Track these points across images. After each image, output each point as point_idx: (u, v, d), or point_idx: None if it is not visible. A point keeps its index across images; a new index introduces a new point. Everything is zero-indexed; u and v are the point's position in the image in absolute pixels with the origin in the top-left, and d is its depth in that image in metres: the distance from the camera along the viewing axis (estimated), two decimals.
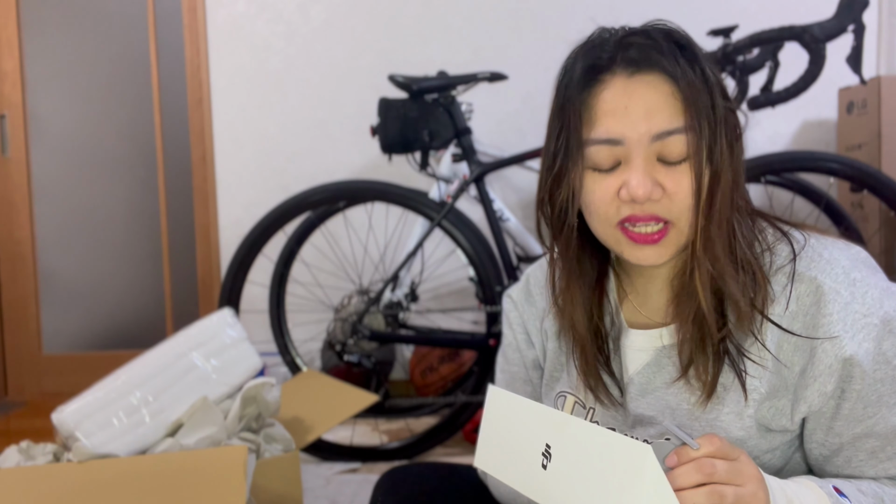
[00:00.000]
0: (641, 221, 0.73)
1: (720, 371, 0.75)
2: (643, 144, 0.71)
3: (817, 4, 2.20)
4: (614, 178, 0.73)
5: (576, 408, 0.87)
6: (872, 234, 2.21)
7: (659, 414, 0.80)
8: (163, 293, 2.84)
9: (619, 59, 0.72)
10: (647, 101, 0.70)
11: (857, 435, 0.73)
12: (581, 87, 0.73)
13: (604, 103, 0.72)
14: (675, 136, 0.70)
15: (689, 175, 0.71)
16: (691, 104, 0.70)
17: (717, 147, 0.71)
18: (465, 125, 1.96)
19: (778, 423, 0.75)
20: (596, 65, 0.73)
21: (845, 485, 0.73)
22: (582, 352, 0.83)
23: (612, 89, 0.72)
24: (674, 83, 0.70)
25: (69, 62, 2.78)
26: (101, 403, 1.25)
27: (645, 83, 0.71)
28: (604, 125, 0.72)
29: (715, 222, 0.71)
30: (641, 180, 0.70)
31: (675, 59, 0.71)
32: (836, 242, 0.77)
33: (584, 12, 2.52)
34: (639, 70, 0.71)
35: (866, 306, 0.71)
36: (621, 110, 0.71)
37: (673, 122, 0.70)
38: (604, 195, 0.74)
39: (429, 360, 2.35)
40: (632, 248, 0.75)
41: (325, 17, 2.60)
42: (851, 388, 0.71)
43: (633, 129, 0.70)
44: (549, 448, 0.65)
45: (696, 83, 0.70)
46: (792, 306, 0.73)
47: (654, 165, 0.72)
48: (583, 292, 0.82)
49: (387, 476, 0.99)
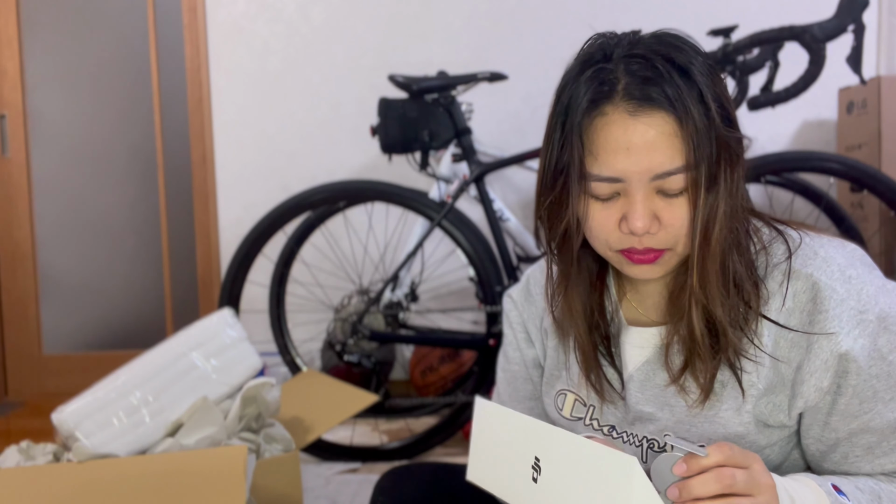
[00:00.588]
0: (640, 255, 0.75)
1: (716, 372, 0.76)
2: (643, 182, 0.71)
3: (817, 4, 2.19)
4: (614, 209, 0.74)
5: (576, 405, 0.88)
6: (872, 234, 2.21)
7: (658, 410, 0.81)
8: (163, 293, 2.84)
9: (620, 90, 0.71)
10: (647, 141, 0.70)
11: (853, 430, 0.74)
12: (582, 114, 0.73)
13: (605, 141, 0.72)
14: (674, 177, 0.71)
15: (687, 207, 0.72)
16: (692, 144, 0.70)
17: (717, 180, 0.72)
18: (465, 125, 1.96)
19: (776, 419, 0.76)
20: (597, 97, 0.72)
21: (843, 482, 0.73)
22: (582, 347, 0.84)
23: (614, 126, 0.71)
24: (676, 122, 0.70)
25: (69, 62, 2.78)
26: (101, 403, 1.25)
27: (646, 123, 0.70)
28: (606, 163, 0.72)
29: (711, 256, 0.73)
30: (641, 215, 0.71)
31: (678, 94, 0.70)
32: (832, 240, 0.78)
33: (585, 12, 2.52)
34: (640, 107, 0.70)
35: (862, 303, 0.72)
36: (623, 150, 0.71)
37: (674, 161, 0.70)
38: (604, 224, 0.75)
39: (429, 360, 2.35)
40: (630, 266, 0.77)
41: (325, 17, 2.60)
42: (847, 384, 0.73)
43: (634, 169, 0.71)
44: (538, 461, 0.65)
45: (697, 121, 0.70)
46: (788, 303, 0.75)
47: (652, 199, 0.72)
48: (582, 289, 0.83)
49: (387, 476, 0.99)
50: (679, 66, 0.70)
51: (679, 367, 0.78)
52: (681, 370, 0.77)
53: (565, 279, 0.83)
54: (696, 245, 0.73)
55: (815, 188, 1.99)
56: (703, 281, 0.73)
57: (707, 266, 0.73)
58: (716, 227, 0.72)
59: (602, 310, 0.85)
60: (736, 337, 0.74)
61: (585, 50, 0.76)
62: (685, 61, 0.71)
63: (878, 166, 2.19)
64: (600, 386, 0.84)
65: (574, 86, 0.74)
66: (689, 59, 0.71)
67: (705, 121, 0.70)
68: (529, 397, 0.98)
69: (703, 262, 0.73)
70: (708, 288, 0.73)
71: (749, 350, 0.75)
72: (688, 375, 0.77)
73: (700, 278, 0.73)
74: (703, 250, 0.73)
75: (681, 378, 0.77)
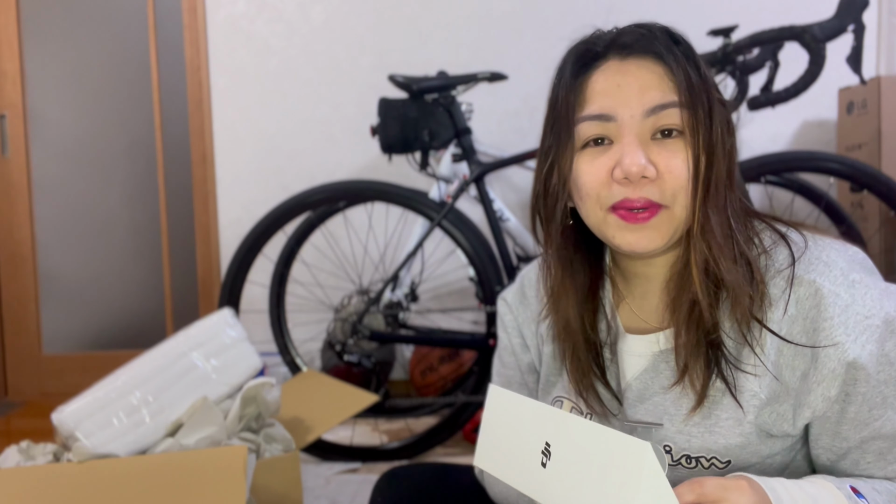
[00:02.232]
0: (635, 208, 0.72)
1: (711, 379, 0.74)
2: (636, 121, 0.71)
3: (817, 4, 2.19)
4: (606, 158, 0.72)
5: (573, 413, 0.87)
6: (872, 234, 2.21)
7: (656, 420, 0.79)
8: (163, 293, 2.84)
9: (612, 47, 0.73)
10: (640, 79, 0.71)
11: (864, 438, 0.72)
12: (574, 76, 0.74)
13: (596, 84, 0.72)
14: (669, 110, 0.70)
15: (683, 153, 0.71)
16: (684, 85, 0.70)
17: (712, 130, 0.71)
18: (465, 125, 1.96)
19: (779, 429, 0.74)
20: (589, 52, 0.74)
21: (860, 484, 0.72)
22: (574, 356, 0.82)
23: (605, 71, 0.73)
24: (667, 66, 0.71)
25: (69, 62, 2.78)
26: (101, 403, 1.25)
27: (637, 65, 0.71)
28: (596, 103, 0.72)
29: (711, 203, 0.71)
30: (634, 156, 0.69)
31: (669, 47, 0.71)
32: (833, 244, 0.76)
33: (584, 12, 2.52)
34: (632, 53, 0.72)
35: (867, 308, 0.70)
36: (613, 88, 0.71)
37: (666, 97, 0.71)
38: (596, 175, 0.73)
39: (429, 360, 2.35)
40: (623, 231, 0.73)
41: (325, 17, 2.60)
42: (856, 392, 0.70)
43: (626, 106, 0.71)
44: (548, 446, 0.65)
45: (689, 69, 0.71)
46: (791, 310, 0.72)
47: (646, 144, 0.71)
48: (576, 294, 0.82)
49: (386, 476, 0.99)
50: (671, 35, 0.73)
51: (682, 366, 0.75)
52: (682, 372, 0.75)
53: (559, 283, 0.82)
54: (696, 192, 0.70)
55: (815, 188, 1.99)
56: (704, 228, 0.71)
57: (708, 215, 0.70)
58: (713, 177, 0.70)
59: (595, 322, 0.83)
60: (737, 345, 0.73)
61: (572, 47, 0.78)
62: (677, 34, 0.74)
63: (878, 166, 2.19)
64: (591, 397, 0.82)
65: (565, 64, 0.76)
66: (681, 35, 0.74)
67: (697, 73, 0.71)
68: None
69: (703, 210, 0.70)
70: (713, 249, 0.71)
71: (748, 361, 0.73)
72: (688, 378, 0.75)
73: (702, 224, 0.71)
74: (704, 199, 0.70)
75: (682, 380, 0.75)
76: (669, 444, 0.78)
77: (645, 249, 0.73)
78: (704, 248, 0.71)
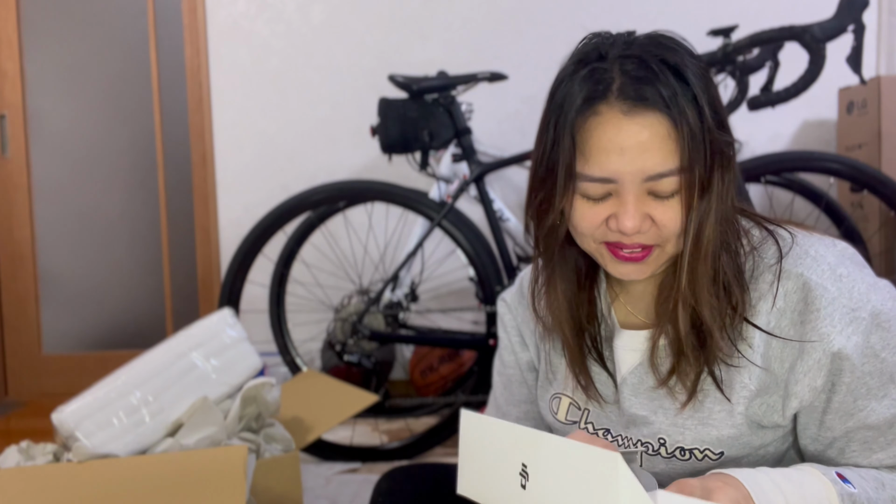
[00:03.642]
0: (627, 249, 0.74)
1: (700, 376, 0.76)
2: (635, 183, 0.71)
3: (817, 4, 2.19)
4: (603, 208, 0.73)
5: (570, 409, 0.88)
6: (872, 234, 2.21)
7: (651, 414, 0.81)
8: (163, 293, 2.84)
9: (615, 90, 0.70)
10: (641, 142, 0.69)
11: (849, 428, 0.75)
12: (576, 113, 0.72)
13: (598, 141, 0.71)
14: (667, 179, 0.70)
15: (679, 208, 0.72)
16: (687, 146, 0.69)
17: (711, 184, 0.72)
18: (465, 125, 1.96)
19: (769, 420, 0.76)
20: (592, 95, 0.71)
21: (846, 471, 0.74)
22: (569, 349, 0.84)
23: (607, 126, 0.70)
24: (670, 123, 0.69)
25: (69, 62, 2.78)
26: (101, 403, 1.25)
27: (640, 124, 0.69)
28: (598, 163, 0.71)
29: (702, 259, 0.73)
30: (633, 217, 0.71)
31: (673, 95, 0.69)
32: (823, 239, 0.77)
33: (584, 12, 2.52)
34: (635, 107, 0.69)
35: (854, 301, 0.72)
36: (616, 151, 0.70)
37: (666, 163, 0.70)
38: (592, 221, 0.74)
39: (429, 360, 2.35)
40: (614, 263, 0.76)
41: (325, 17, 2.60)
42: (841, 382, 0.73)
43: (627, 170, 0.70)
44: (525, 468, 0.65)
45: (692, 123, 0.69)
46: (779, 303, 0.74)
47: (644, 200, 0.72)
48: (567, 287, 0.83)
49: (386, 477, 0.99)
50: (673, 68, 0.70)
51: (667, 369, 0.78)
52: (669, 372, 0.77)
53: (549, 276, 0.83)
54: (687, 248, 0.72)
55: (815, 188, 1.99)
56: (692, 283, 0.73)
57: (698, 269, 0.73)
58: (707, 230, 0.72)
59: (591, 312, 0.85)
60: (723, 342, 0.74)
61: (580, 49, 0.76)
62: (679, 62, 0.70)
63: (878, 166, 2.19)
64: (589, 390, 0.84)
65: (568, 84, 0.73)
66: (683, 61, 0.71)
67: (699, 123, 0.70)
68: (525, 400, 0.98)
69: (693, 264, 0.73)
70: (697, 290, 0.73)
71: (734, 356, 0.75)
72: (676, 378, 0.77)
73: (690, 281, 0.73)
74: (695, 254, 0.73)
75: (669, 381, 0.77)
76: (664, 436, 0.80)
77: (637, 278, 0.77)
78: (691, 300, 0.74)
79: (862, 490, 0.71)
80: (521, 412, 0.98)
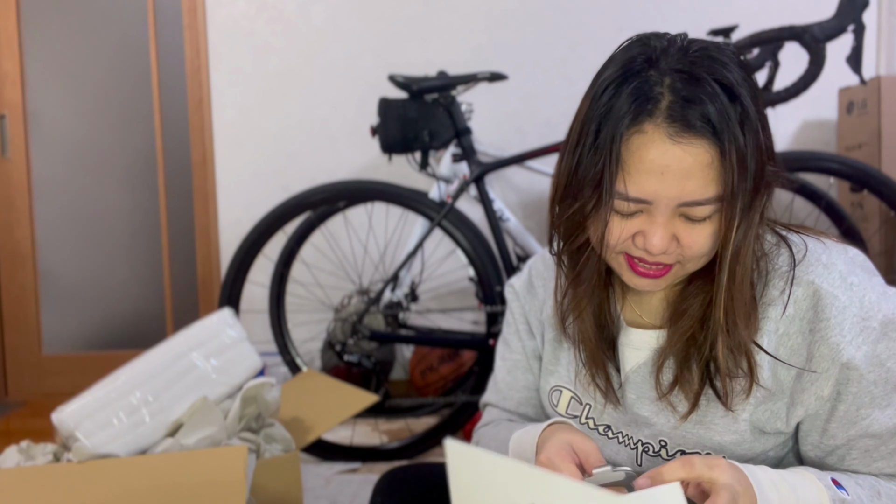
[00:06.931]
0: (648, 265, 0.73)
1: (703, 389, 0.76)
2: (670, 207, 0.69)
3: (817, 4, 2.20)
4: (633, 224, 0.71)
5: (571, 403, 0.88)
6: (872, 234, 2.21)
7: (654, 415, 0.80)
8: (163, 293, 2.84)
9: (663, 109, 0.67)
10: (683, 168, 0.67)
11: (851, 437, 0.74)
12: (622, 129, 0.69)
13: (640, 161, 0.68)
14: (703, 207, 0.69)
15: (709, 230, 0.70)
16: (731, 176, 0.67)
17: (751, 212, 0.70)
18: (465, 125, 1.96)
19: (773, 426, 0.76)
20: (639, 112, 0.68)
21: (843, 477, 0.73)
22: (588, 346, 0.83)
23: (651, 147, 0.67)
24: (716, 151, 0.67)
25: (69, 62, 2.78)
26: (101, 403, 1.24)
27: (684, 150, 0.67)
28: (636, 182, 0.68)
29: (737, 290, 0.72)
30: (661, 238, 0.70)
31: (722, 119, 0.66)
32: (834, 246, 0.77)
33: (584, 12, 2.52)
34: (681, 133, 0.67)
35: (864, 310, 0.71)
36: (656, 173, 0.67)
37: (705, 191, 0.68)
38: (619, 235, 0.72)
39: (429, 360, 2.35)
40: (631, 275, 0.75)
41: (326, 17, 2.60)
42: (848, 391, 0.72)
43: (664, 194, 0.68)
44: None
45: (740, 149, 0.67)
46: (790, 310, 0.74)
47: (674, 221, 0.70)
48: (591, 287, 0.82)
49: (386, 477, 0.99)
50: (728, 88, 0.67)
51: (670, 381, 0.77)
52: (671, 384, 0.77)
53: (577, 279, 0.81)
54: (722, 282, 0.71)
55: (815, 188, 1.99)
56: (728, 315, 0.72)
57: (734, 298, 0.72)
58: (743, 259, 0.71)
59: (610, 306, 0.84)
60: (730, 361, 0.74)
61: (626, 52, 0.72)
62: (734, 82, 0.67)
63: (878, 166, 2.19)
64: (604, 385, 0.83)
65: (615, 96, 0.69)
66: (736, 80, 0.68)
67: (751, 150, 0.68)
68: (527, 387, 0.97)
69: (729, 294, 0.72)
70: (734, 319, 0.72)
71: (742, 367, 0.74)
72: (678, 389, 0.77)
73: (726, 313, 0.72)
74: (729, 287, 0.71)
75: (670, 393, 0.77)
76: (665, 438, 0.80)
77: (650, 291, 0.76)
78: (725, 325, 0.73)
79: (856, 496, 0.71)
80: (523, 398, 0.98)
